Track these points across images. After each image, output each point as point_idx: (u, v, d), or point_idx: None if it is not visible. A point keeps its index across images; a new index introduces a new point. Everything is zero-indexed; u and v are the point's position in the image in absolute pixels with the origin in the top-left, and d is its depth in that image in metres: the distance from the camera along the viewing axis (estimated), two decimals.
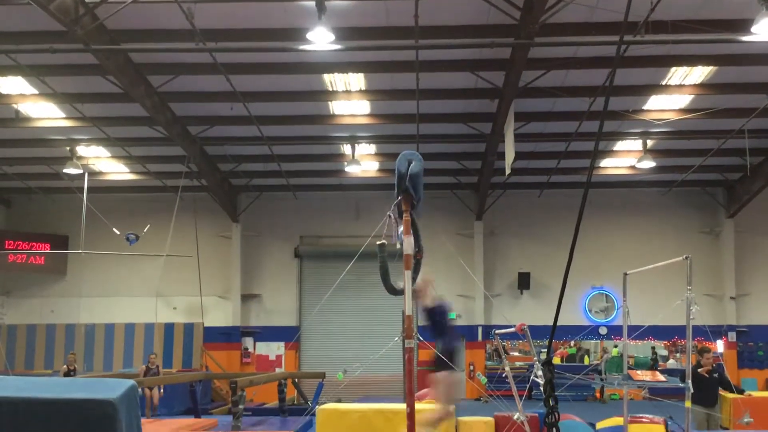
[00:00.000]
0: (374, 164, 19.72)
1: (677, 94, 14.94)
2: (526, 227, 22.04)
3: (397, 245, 4.74)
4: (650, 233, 21.34)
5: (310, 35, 10.90)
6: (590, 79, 13.96)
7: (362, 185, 21.16)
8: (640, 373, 9.88)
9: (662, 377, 9.39)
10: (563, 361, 21.65)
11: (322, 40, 10.94)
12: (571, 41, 12.08)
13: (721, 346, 20.61)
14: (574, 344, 22.00)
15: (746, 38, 11.37)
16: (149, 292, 19.68)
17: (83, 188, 16.81)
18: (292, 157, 19.02)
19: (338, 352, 20.57)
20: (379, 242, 4.70)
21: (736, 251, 21.41)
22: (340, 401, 11.07)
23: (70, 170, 17.79)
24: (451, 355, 6.46)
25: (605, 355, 21.14)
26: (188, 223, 18.63)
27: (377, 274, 4.71)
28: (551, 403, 4.80)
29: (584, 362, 21.70)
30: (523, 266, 21.70)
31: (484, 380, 10.64)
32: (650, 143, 17.82)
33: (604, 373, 19.82)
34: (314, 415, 8.28)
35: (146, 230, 16.23)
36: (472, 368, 20.72)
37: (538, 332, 7.85)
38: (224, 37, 12.12)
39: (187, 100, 15.42)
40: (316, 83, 14.56)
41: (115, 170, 20.39)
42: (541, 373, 5.18)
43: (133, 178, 20.79)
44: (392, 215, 4.69)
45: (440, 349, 6.35)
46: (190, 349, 21.25)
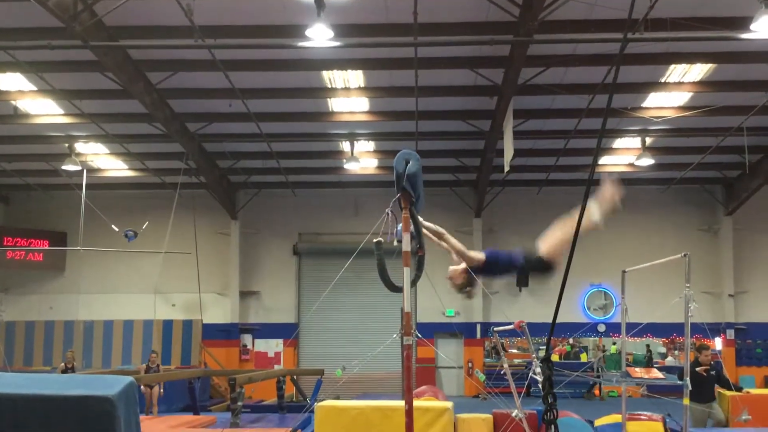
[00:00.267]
0: (373, 161, 19.66)
1: (676, 91, 14.94)
2: (525, 224, 21.88)
3: (394, 242, 4.72)
4: (649, 231, 21.31)
5: (309, 32, 10.89)
6: (589, 76, 13.96)
7: (361, 182, 21.12)
8: (638, 370, 9.91)
9: (659, 374, 9.42)
10: (561, 358, 21.65)
11: (321, 36, 10.94)
12: (570, 38, 12.06)
13: (719, 343, 20.62)
14: (572, 341, 21.98)
15: (745, 36, 11.37)
16: (148, 288, 19.66)
17: (82, 185, 16.77)
18: (290, 154, 18.99)
19: (337, 349, 20.54)
20: (375, 240, 4.69)
21: (734, 249, 21.43)
22: (338, 398, 11.07)
23: (68, 167, 17.77)
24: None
25: (601, 354, 21.09)
26: (187, 220, 18.55)
27: (376, 271, 4.71)
28: (550, 400, 4.79)
29: (581, 359, 21.70)
30: None
31: (482, 377, 10.67)
32: (649, 141, 17.80)
33: (598, 371, 19.79)
34: (313, 412, 8.26)
35: (145, 227, 16.23)
36: (470, 365, 20.74)
37: (536, 329, 7.84)
38: (223, 33, 12.10)
39: (185, 96, 15.41)
40: (315, 80, 14.54)
41: (113, 167, 20.40)
42: (539, 370, 5.17)
43: (131, 174, 20.78)
44: (391, 212, 4.67)
45: (528, 256, 4.93)
46: (188, 346, 21.27)
